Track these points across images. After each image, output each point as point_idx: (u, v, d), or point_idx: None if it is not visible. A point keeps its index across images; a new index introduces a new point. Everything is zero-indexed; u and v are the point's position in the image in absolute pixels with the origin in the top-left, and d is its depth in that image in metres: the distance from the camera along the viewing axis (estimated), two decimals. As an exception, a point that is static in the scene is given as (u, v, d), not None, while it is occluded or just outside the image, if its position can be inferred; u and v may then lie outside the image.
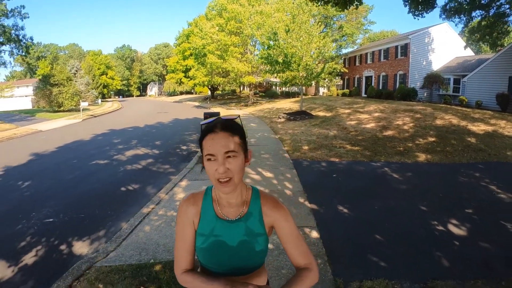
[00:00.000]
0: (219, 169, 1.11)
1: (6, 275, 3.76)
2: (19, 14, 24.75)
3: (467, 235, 4.40)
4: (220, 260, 1.23)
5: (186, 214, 1.27)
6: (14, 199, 6.43)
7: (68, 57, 75.90)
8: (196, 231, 1.27)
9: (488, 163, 8.43)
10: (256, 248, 1.23)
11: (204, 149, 1.15)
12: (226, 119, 1.21)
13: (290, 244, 1.26)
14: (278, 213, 1.27)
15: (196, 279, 1.20)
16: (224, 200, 1.26)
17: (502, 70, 19.95)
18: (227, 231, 1.23)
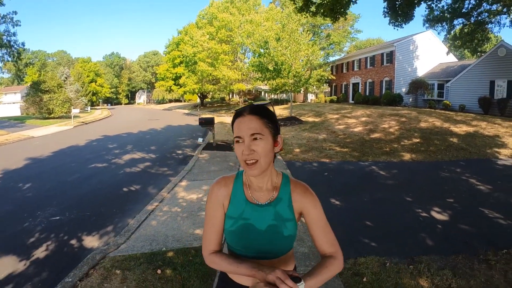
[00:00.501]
0: (244, 150, 1.15)
1: (19, 268, 3.95)
2: (11, 20, 24.70)
3: (448, 219, 4.86)
4: (248, 243, 1.25)
5: (216, 196, 1.29)
6: (17, 199, 6.58)
7: (57, 64, 75.49)
8: (225, 213, 1.29)
9: (469, 160, 9.00)
10: (284, 233, 1.23)
11: (234, 132, 1.20)
12: (256, 104, 1.25)
13: (317, 231, 1.26)
14: (307, 199, 1.28)
15: (223, 260, 1.22)
16: (255, 184, 1.28)
17: (483, 75, 20.91)
18: (256, 214, 1.25)
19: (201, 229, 4.63)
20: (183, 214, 5.27)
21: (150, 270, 3.43)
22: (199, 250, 3.95)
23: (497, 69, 20.02)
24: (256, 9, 32.27)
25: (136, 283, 3.18)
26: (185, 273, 3.35)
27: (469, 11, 18.85)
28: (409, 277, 3.33)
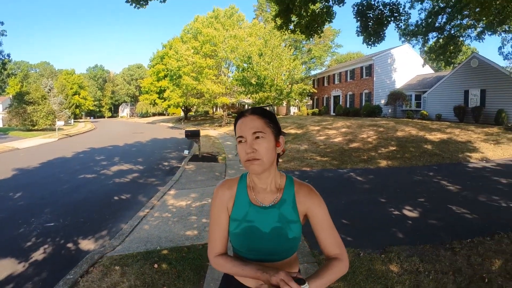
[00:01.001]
0: (247, 149, 1.17)
1: (18, 270, 4.14)
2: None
3: (418, 216, 5.36)
4: (252, 245, 1.24)
5: (221, 199, 1.30)
6: (9, 208, 6.70)
7: (39, 76, 74.55)
8: (230, 216, 1.30)
9: (441, 165, 9.66)
10: (289, 235, 1.23)
11: (236, 132, 1.22)
12: (257, 107, 1.29)
13: (322, 232, 1.25)
14: (312, 201, 1.27)
15: (228, 262, 1.23)
16: (259, 186, 1.28)
17: (458, 85, 22.19)
18: (260, 217, 1.25)
19: (192, 231, 4.96)
20: (174, 218, 5.58)
21: (147, 265, 3.74)
22: (191, 248, 4.28)
23: (471, 79, 21.27)
24: (239, 25, 33.12)
25: (135, 276, 3.48)
26: (179, 266, 3.68)
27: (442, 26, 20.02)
28: (381, 263, 3.75)
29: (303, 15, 7.72)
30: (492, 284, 3.39)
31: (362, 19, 7.56)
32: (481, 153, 11.23)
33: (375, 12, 7.44)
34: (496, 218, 5.36)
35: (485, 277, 3.52)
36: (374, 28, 7.48)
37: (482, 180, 7.99)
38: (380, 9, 7.39)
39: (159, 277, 3.45)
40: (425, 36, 20.63)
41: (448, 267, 3.72)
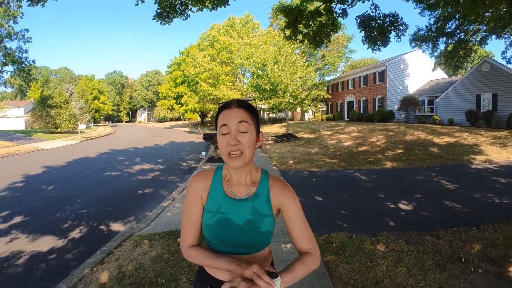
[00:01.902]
0: (231, 141, 1.16)
1: (59, 244, 4.90)
2: (23, 37, 26.11)
3: (412, 209, 5.91)
4: (225, 237, 1.24)
5: (195, 189, 1.30)
6: (44, 198, 7.56)
7: (60, 81, 77.34)
8: (204, 207, 1.29)
9: (444, 166, 10.09)
10: (261, 228, 1.24)
11: (219, 122, 1.21)
12: (241, 99, 1.27)
13: (295, 227, 1.27)
14: (286, 196, 1.29)
15: (201, 254, 1.23)
16: (234, 179, 1.29)
17: (470, 89, 22.30)
18: (234, 209, 1.26)
19: (208, 216, 5.65)
20: (192, 207, 6.29)
21: (171, 240, 4.45)
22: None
23: (482, 83, 21.34)
24: (254, 32, 34.04)
25: (161, 247, 4.19)
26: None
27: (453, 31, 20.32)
28: (369, 244, 4.33)
29: (312, 25, 8.39)
30: (468, 263, 3.89)
31: (366, 29, 8.18)
32: (486, 156, 11.54)
33: (377, 22, 8.05)
34: (486, 212, 5.83)
35: (462, 257, 4.03)
36: (377, 37, 8.08)
37: (481, 180, 8.40)
38: (381, 19, 7.99)
39: (181, 247, 4.14)
40: (434, 41, 20.98)
41: (429, 249, 4.26)
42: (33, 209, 6.65)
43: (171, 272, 3.48)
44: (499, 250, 4.23)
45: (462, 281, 3.40)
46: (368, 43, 8.26)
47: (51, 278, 3.76)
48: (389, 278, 3.39)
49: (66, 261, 4.29)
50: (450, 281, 3.39)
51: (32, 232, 5.33)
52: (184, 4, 6.58)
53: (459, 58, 20.99)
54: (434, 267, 3.69)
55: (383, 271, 3.56)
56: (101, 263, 3.87)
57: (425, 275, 3.49)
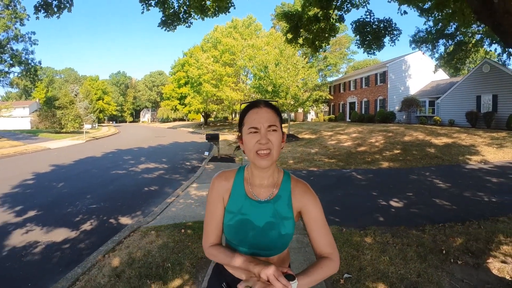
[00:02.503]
0: (261, 140, 1.16)
1: (72, 235, 5.29)
2: (29, 39, 26.70)
3: (402, 206, 6.27)
4: (245, 238, 1.25)
5: (217, 190, 1.31)
6: (54, 194, 7.98)
7: (64, 81, 78.18)
8: (225, 207, 1.31)
9: (440, 166, 10.41)
10: (281, 231, 1.24)
11: (247, 122, 1.21)
12: (268, 100, 1.28)
13: (315, 231, 1.26)
14: (307, 198, 1.28)
15: (220, 252, 1.25)
16: (257, 180, 1.29)
17: (470, 90, 22.52)
18: (255, 210, 1.26)
19: (210, 211, 6.05)
20: (196, 204, 6.69)
21: (176, 231, 4.84)
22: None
23: (483, 85, 21.53)
24: (257, 34, 34.44)
25: (167, 237, 4.58)
26: (200, 232, 4.76)
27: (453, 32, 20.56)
28: (358, 236, 4.70)
29: (312, 29, 8.75)
30: (449, 255, 4.22)
31: (361, 34, 8.53)
32: (482, 156, 11.83)
33: (371, 27, 8.41)
34: (474, 209, 6.14)
35: (443, 250, 4.37)
36: (372, 41, 8.44)
37: (473, 179, 8.72)
38: (376, 25, 8.35)
39: (185, 238, 4.54)
40: (434, 43, 21.23)
41: (413, 242, 4.60)
42: (45, 204, 7.06)
43: (176, 258, 3.88)
44: (480, 244, 4.53)
45: (440, 270, 3.73)
46: (363, 47, 8.62)
47: (66, 264, 4.15)
48: (372, 266, 3.75)
49: (79, 250, 4.69)
50: (429, 270, 3.71)
51: (46, 225, 5.73)
52: (187, 13, 6.97)
53: (458, 59, 21.25)
54: (416, 258, 4.03)
55: (367, 259, 3.92)
56: (112, 250, 4.27)
57: (406, 264, 3.84)
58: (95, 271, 3.70)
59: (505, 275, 3.66)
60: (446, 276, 3.60)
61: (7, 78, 29.00)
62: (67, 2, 4.50)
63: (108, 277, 3.51)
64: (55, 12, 4.50)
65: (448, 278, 3.56)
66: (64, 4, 4.47)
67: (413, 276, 3.54)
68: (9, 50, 26.31)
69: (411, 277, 3.52)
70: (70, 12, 4.64)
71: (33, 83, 30.34)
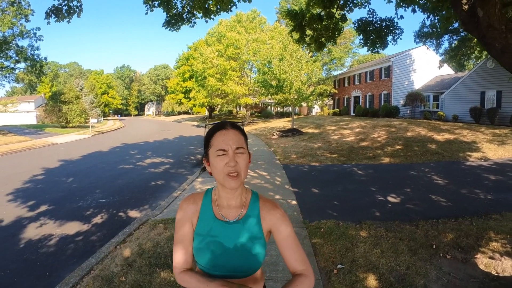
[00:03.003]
0: (230, 162, 1.17)
1: (84, 228, 5.62)
2: (34, 35, 27.00)
3: (399, 201, 6.52)
4: (216, 261, 1.24)
5: (185, 212, 1.31)
6: (65, 189, 8.32)
7: (69, 75, 78.77)
8: (194, 231, 1.29)
9: (440, 162, 10.61)
10: (252, 251, 1.24)
11: (214, 145, 1.21)
12: (233, 122, 1.29)
13: (287, 248, 1.26)
14: (276, 216, 1.28)
15: (193, 278, 1.22)
16: (224, 201, 1.29)
17: (474, 86, 22.44)
18: (224, 232, 1.26)
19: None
20: (200, 197, 6.99)
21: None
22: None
23: (487, 80, 21.45)
24: (261, 27, 34.47)
25: (174, 229, 4.88)
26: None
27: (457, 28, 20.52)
28: (353, 230, 4.97)
29: (316, 28, 8.92)
30: (438, 250, 4.45)
31: (364, 32, 8.70)
32: (482, 153, 11.96)
33: (374, 26, 8.57)
34: (469, 206, 6.34)
35: (433, 244, 4.61)
36: (375, 40, 8.61)
37: (471, 176, 8.90)
38: (378, 23, 8.51)
39: (191, 231, 4.84)
40: (438, 38, 21.20)
41: (406, 236, 4.85)
42: (57, 199, 7.41)
43: (183, 249, 4.18)
44: (470, 240, 4.73)
45: (429, 264, 3.97)
46: (366, 46, 8.79)
47: (80, 255, 4.47)
48: (364, 258, 4.02)
49: (91, 242, 5.01)
50: (418, 263, 3.96)
51: (58, 219, 6.07)
52: (190, 13, 7.19)
53: (463, 55, 21.21)
54: (406, 251, 4.29)
55: (360, 252, 4.19)
56: (123, 242, 4.58)
57: (396, 257, 4.10)
58: (108, 261, 4.01)
59: (492, 270, 3.87)
60: (433, 269, 3.83)
61: (12, 74, 29.38)
62: (77, 7, 4.74)
63: (120, 266, 3.82)
64: (65, 17, 4.74)
65: (435, 271, 3.80)
66: (74, 9, 4.71)
67: (402, 268, 3.80)
68: (15, 47, 26.61)
69: (400, 269, 3.78)
70: (79, 18, 4.89)
71: (38, 78, 30.65)
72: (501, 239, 4.65)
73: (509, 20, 2.86)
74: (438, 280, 3.64)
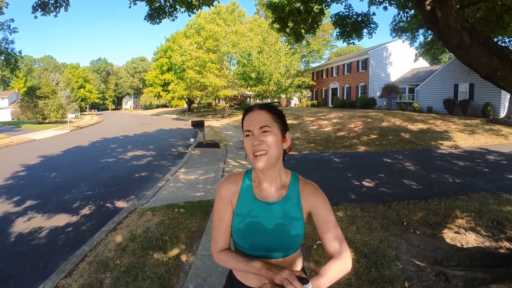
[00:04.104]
0: (254, 141, 1.18)
1: (73, 220, 5.73)
2: (9, 28, 25.96)
3: (373, 185, 6.96)
4: (255, 241, 1.25)
5: (225, 193, 1.31)
6: (49, 184, 8.32)
7: (43, 70, 76.05)
8: (233, 211, 1.31)
9: (413, 150, 11.22)
10: (291, 232, 1.24)
11: (244, 126, 1.24)
12: (265, 103, 1.29)
13: (325, 231, 1.25)
14: (317, 199, 1.28)
15: (231, 258, 1.25)
16: (264, 182, 1.30)
17: (448, 79, 23.36)
18: (264, 212, 1.26)
19: (199, 193, 6.61)
20: (186, 186, 7.22)
21: (170, 210, 5.39)
22: (199, 202, 5.92)
23: (460, 73, 22.24)
24: (241, 20, 34.43)
25: (162, 216, 5.12)
26: (192, 210, 5.32)
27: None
28: (332, 211, 5.33)
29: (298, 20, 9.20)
30: (409, 226, 4.87)
31: (340, 26, 9.07)
32: (453, 142, 12.68)
33: (350, 20, 8.94)
34: (438, 189, 6.82)
35: (404, 222, 5.04)
36: (351, 33, 9.00)
37: (442, 163, 9.49)
38: (354, 18, 8.89)
39: (179, 216, 5.09)
40: (413, 32, 21.93)
41: (379, 215, 5.26)
42: (42, 193, 7.43)
43: (172, 232, 4.44)
44: (438, 217, 5.18)
45: (400, 238, 4.38)
46: (342, 38, 9.17)
47: (72, 245, 4.60)
48: (342, 235, 4.39)
49: (82, 232, 5.16)
50: (390, 238, 4.37)
51: (46, 212, 6.14)
52: (172, 6, 7.31)
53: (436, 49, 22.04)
54: (380, 228, 4.69)
55: (338, 230, 4.55)
56: (114, 230, 4.77)
57: (370, 233, 4.49)
58: (101, 248, 4.20)
59: (457, 243, 4.30)
60: (404, 243, 4.23)
61: (-16, 69, 28.18)
62: (63, 1, 4.79)
63: (114, 251, 4.03)
64: (51, 11, 4.79)
65: (406, 244, 4.20)
66: (60, 3, 4.77)
67: (375, 242, 4.19)
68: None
69: (373, 243, 4.17)
70: (66, 12, 4.94)
71: (13, 73, 29.54)
72: (466, 217, 5.10)
73: (464, 20, 3.22)
74: (408, 251, 4.03)
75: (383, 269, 3.50)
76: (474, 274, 3.42)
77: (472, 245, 4.20)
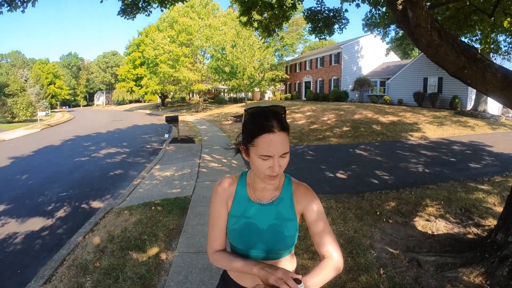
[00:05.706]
0: (274, 167, 1.16)
1: (48, 223, 5.58)
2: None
3: (346, 177, 7.21)
4: (250, 241, 1.29)
5: (221, 195, 1.34)
6: (22, 186, 8.02)
7: (11, 66, 72.33)
8: (229, 212, 1.34)
9: (384, 142, 11.63)
10: (285, 232, 1.27)
11: (259, 147, 1.15)
12: (279, 114, 1.21)
13: (317, 232, 1.27)
14: (308, 200, 1.31)
15: (226, 258, 1.28)
16: (259, 185, 1.32)
17: (418, 72, 24.15)
18: (259, 213, 1.29)
19: (176, 190, 6.60)
20: (162, 183, 7.19)
21: (147, 208, 5.38)
22: (176, 199, 5.93)
23: (430, 68, 22.72)
24: (215, 13, 34.08)
25: (140, 214, 5.10)
26: (169, 208, 5.34)
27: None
28: (308, 204, 5.49)
29: (266, 15, 9.25)
30: (382, 215, 5.09)
31: (312, 21, 9.21)
32: (423, 133, 13.23)
33: (322, 15, 9.11)
34: (409, 179, 7.14)
35: (377, 211, 5.27)
36: (322, 28, 9.16)
37: (412, 153, 9.92)
38: (326, 13, 9.06)
39: (157, 214, 5.10)
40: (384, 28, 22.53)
41: (353, 206, 5.47)
42: (14, 196, 7.15)
43: (151, 231, 4.45)
44: (409, 206, 5.43)
45: (373, 227, 4.58)
46: (314, 33, 9.32)
47: (49, 249, 4.50)
48: (317, 226, 4.54)
49: (58, 235, 5.05)
50: (364, 227, 4.56)
51: (20, 216, 5.92)
52: (146, 1, 7.19)
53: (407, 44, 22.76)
54: (354, 218, 4.89)
55: (314, 222, 4.71)
56: (91, 231, 4.72)
57: (345, 223, 4.68)
58: (80, 250, 4.15)
59: (428, 230, 4.53)
60: (378, 232, 4.44)
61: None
62: (31, -5, 4.61)
63: (93, 253, 3.99)
64: (18, 6, 4.60)
65: (379, 233, 4.41)
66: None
67: (350, 232, 4.38)
68: None
69: (348, 233, 4.36)
70: (34, 7, 4.75)
71: None
72: (436, 205, 5.38)
73: (434, 20, 3.40)
74: (382, 240, 4.23)
75: (359, 258, 3.67)
76: (445, 259, 3.62)
77: (442, 231, 4.44)
